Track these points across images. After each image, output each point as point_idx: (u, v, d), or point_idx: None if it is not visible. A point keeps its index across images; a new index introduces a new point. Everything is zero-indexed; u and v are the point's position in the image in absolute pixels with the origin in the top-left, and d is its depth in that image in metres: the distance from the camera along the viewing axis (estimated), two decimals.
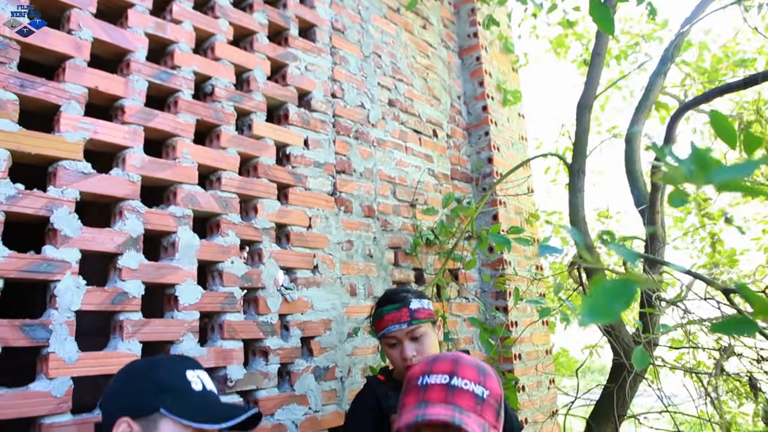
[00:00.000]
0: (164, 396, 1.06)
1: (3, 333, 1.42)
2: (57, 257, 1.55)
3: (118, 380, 1.12)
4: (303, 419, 2.06)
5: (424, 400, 1.02)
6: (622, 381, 2.56)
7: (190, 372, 1.12)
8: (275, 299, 2.06)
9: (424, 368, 1.07)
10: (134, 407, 1.06)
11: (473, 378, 1.03)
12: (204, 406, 1.08)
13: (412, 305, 1.69)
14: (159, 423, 1.04)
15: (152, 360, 1.15)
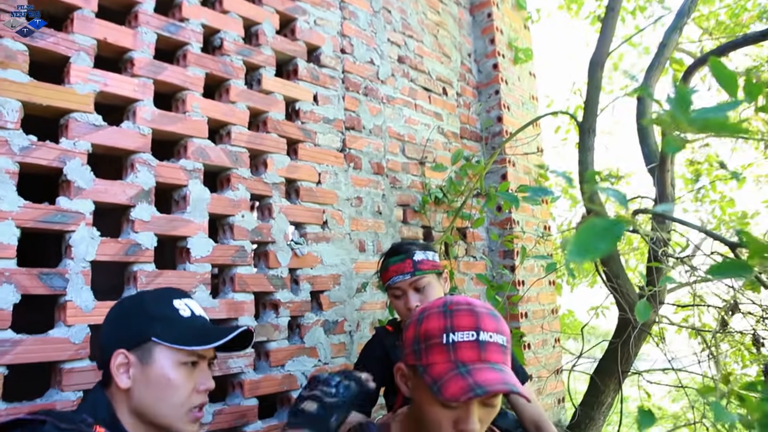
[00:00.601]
0: (154, 325, 1.08)
1: (22, 281, 1.46)
2: (71, 208, 1.57)
3: (110, 317, 1.14)
4: (313, 371, 2.11)
5: (458, 361, 0.99)
6: (627, 337, 2.59)
7: (177, 300, 1.14)
8: (285, 253, 2.08)
9: (443, 323, 1.03)
10: (127, 339, 1.08)
11: (494, 328, 1.02)
12: (193, 330, 1.10)
13: (415, 257, 1.70)
14: (153, 351, 1.07)
15: (139, 294, 1.17)
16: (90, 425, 0.99)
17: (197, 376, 1.11)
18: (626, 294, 2.60)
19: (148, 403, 1.06)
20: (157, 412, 1.06)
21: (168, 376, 1.06)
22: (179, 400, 1.07)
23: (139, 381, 1.06)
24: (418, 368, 1.03)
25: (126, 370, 1.07)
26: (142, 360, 1.07)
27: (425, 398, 1.03)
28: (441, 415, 1.02)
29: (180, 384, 1.07)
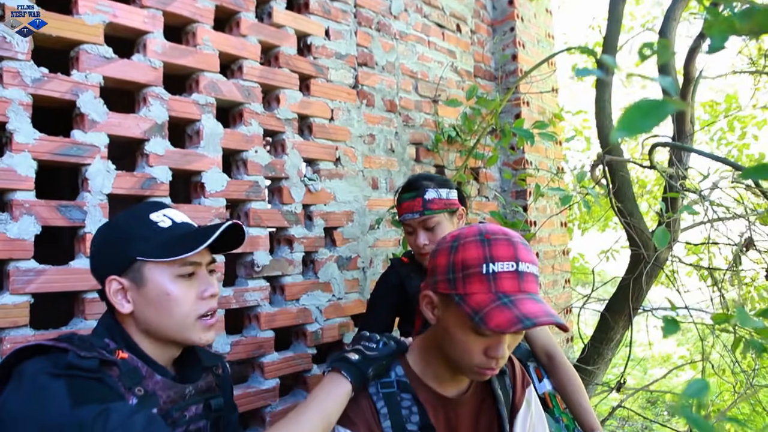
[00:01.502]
0: (136, 244, 1.02)
1: (42, 213, 1.48)
2: (86, 141, 1.57)
3: (93, 248, 1.09)
4: (327, 305, 2.16)
5: (500, 292, 0.99)
6: (639, 273, 2.60)
7: (154, 214, 1.07)
8: (299, 189, 2.09)
9: (482, 253, 1.02)
10: (114, 265, 1.03)
11: (530, 258, 1.03)
12: (177, 239, 1.04)
13: (427, 195, 1.68)
14: (142, 270, 1.02)
15: (113, 219, 1.10)
16: (112, 351, 0.98)
17: (198, 284, 1.06)
18: (639, 230, 2.60)
19: (154, 322, 1.03)
20: (166, 329, 1.03)
21: (166, 291, 1.02)
22: (184, 311, 1.03)
23: (139, 303, 1.03)
24: (452, 297, 1.03)
25: (123, 295, 1.03)
26: (136, 281, 1.02)
27: (457, 325, 1.04)
28: (472, 343, 1.04)
29: (180, 296, 1.03)
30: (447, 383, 1.17)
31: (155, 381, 1.01)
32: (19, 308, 1.44)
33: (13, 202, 1.45)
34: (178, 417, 1.03)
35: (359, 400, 1.13)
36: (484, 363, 1.05)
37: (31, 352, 0.92)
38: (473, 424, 1.18)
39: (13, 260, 1.44)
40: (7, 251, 1.42)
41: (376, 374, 1.15)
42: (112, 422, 0.81)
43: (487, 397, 1.22)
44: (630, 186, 2.81)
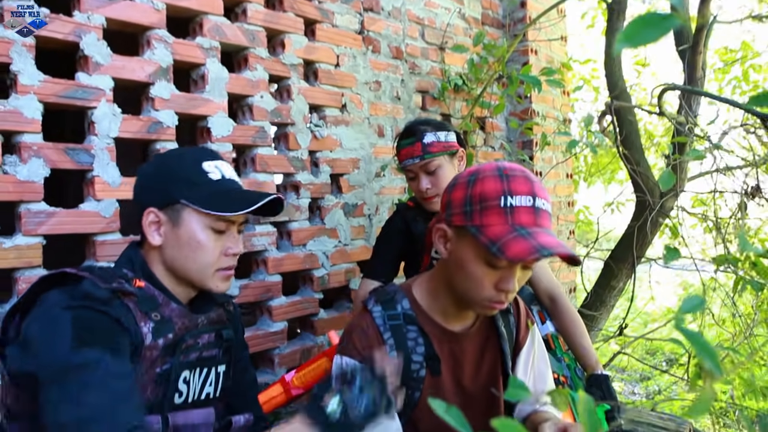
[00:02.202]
0: (183, 187, 1.06)
1: (50, 155, 1.49)
2: (91, 84, 1.57)
3: (142, 174, 1.13)
4: (333, 251, 2.18)
5: (517, 224, 1.01)
6: (644, 221, 2.61)
7: (207, 162, 1.10)
8: (305, 135, 2.09)
9: (500, 186, 1.03)
10: (157, 199, 1.07)
11: (545, 195, 1.05)
12: (222, 195, 1.07)
13: (425, 139, 1.67)
14: (182, 213, 1.06)
15: (169, 153, 1.14)
16: (130, 279, 1.03)
17: (226, 240, 1.10)
18: (645, 177, 2.59)
19: (178, 261, 1.07)
20: (188, 271, 1.08)
21: (197, 239, 1.06)
22: (208, 261, 1.07)
23: (169, 239, 1.07)
24: (468, 228, 1.05)
25: (157, 228, 1.07)
26: (172, 220, 1.06)
27: (470, 258, 1.06)
28: (484, 275, 1.06)
29: (209, 247, 1.06)
30: (453, 318, 1.20)
31: (171, 308, 1.05)
32: (33, 249, 1.47)
33: (21, 145, 1.46)
34: (192, 343, 1.07)
35: (367, 331, 1.16)
36: (494, 296, 1.07)
37: (55, 280, 0.97)
38: (477, 359, 1.22)
39: (24, 202, 1.46)
40: (18, 193, 1.44)
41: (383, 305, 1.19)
42: (93, 379, 0.85)
43: (492, 334, 1.25)
44: (637, 135, 2.79)
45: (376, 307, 1.19)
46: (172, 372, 1.03)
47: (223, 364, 1.16)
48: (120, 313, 0.94)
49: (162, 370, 1.02)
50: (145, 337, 0.98)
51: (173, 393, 1.03)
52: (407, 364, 1.14)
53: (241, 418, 1.15)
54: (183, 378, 1.06)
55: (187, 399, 1.07)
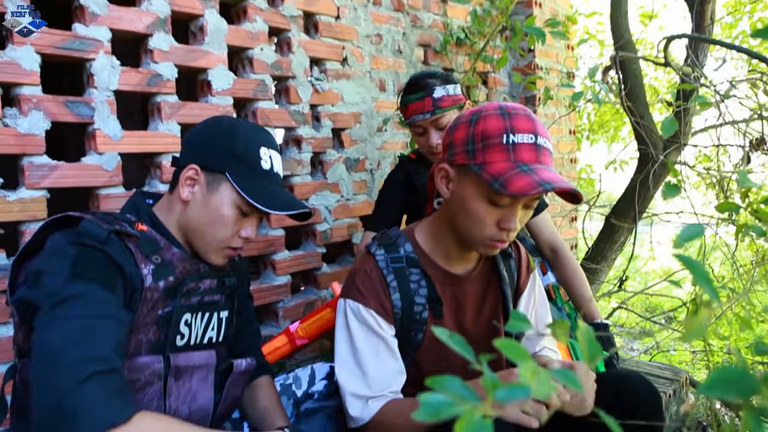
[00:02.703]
0: (234, 162, 1.08)
1: (50, 108, 1.48)
2: (88, 35, 1.55)
3: (200, 129, 1.14)
4: (335, 205, 2.19)
5: (519, 161, 1.02)
6: (646, 174, 2.60)
7: (264, 149, 1.12)
8: (306, 89, 2.07)
9: (503, 124, 1.04)
10: (205, 159, 1.09)
11: (547, 135, 1.06)
12: (265, 188, 1.10)
13: (435, 93, 1.65)
14: (221, 184, 1.08)
15: (236, 122, 1.14)
16: (132, 223, 1.05)
17: (246, 223, 1.12)
18: (649, 129, 2.57)
19: (196, 224, 1.09)
20: (199, 237, 1.10)
21: (222, 212, 1.07)
22: (222, 237, 1.09)
23: (198, 201, 1.09)
24: (471, 167, 1.06)
25: (192, 184, 1.09)
26: (209, 185, 1.08)
27: (472, 196, 1.07)
28: (486, 213, 1.07)
29: (229, 223, 1.08)
30: (455, 261, 1.22)
31: (172, 252, 1.07)
32: (37, 202, 1.47)
33: (20, 97, 1.45)
34: (193, 287, 1.09)
35: (370, 274, 1.18)
36: (496, 235, 1.08)
37: (59, 222, 0.99)
38: (479, 302, 1.23)
39: (27, 155, 1.46)
40: (20, 146, 1.44)
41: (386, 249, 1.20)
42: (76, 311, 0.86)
43: (493, 278, 1.26)
44: (642, 88, 2.75)
45: (379, 251, 1.20)
46: (173, 314, 1.05)
47: (225, 310, 1.18)
48: (117, 253, 0.96)
49: (164, 312, 1.04)
50: (146, 279, 1.00)
51: (175, 335, 1.06)
52: (410, 306, 1.16)
53: (243, 362, 1.18)
54: (184, 320, 1.08)
55: (189, 342, 1.09)
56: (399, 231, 1.26)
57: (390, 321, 1.16)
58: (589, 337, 0.57)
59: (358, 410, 1.13)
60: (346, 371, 1.16)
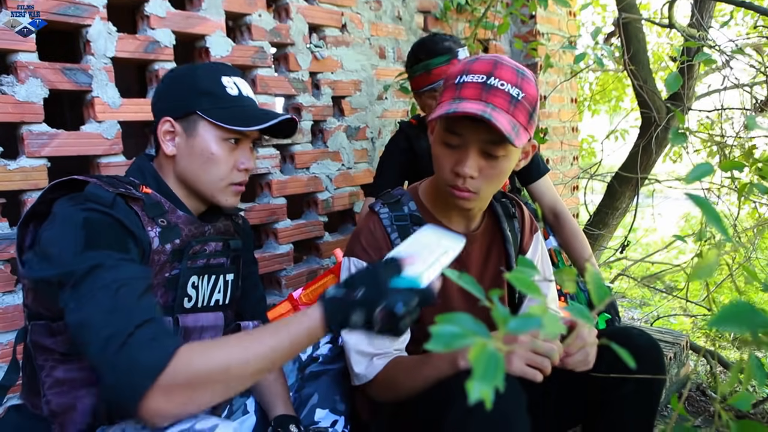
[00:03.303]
0: (201, 99, 1.07)
1: (48, 76, 1.47)
2: (84, 1, 1.52)
3: (162, 84, 1.14)
4: (336, 174, 2.18)
5: (458, 97, 1.03)
6: (649, 138, 2.59)
7: (226, 78, 1.11)
8: (305, 56, 2.04)
9: (463, 68, 1.06)
10: (174, 108, 1.09)
11: (510, 79, 1.03)
12: (238, 111, 1.09)
13: (460, 56, 1.65)
14: (198, 125, 1.08)
15: (191, 66, 1.14)
16: (137, 186, 1.05)
17: (239, 155, 1.12)
18: (651, 92, 2.54)
19: (191, 172, 1.09)
20: (199, 183, 1.10)
21: (210, 151, 1.08)
22: (220, 174, 1.09)
23: (183, 150, 1.09)
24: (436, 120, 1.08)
25: (172, 138, 1.09)
26: (187, 131, 1.08)
27: (435, 140, 1.10)
28: (443, 156, 1.09)
29: (221, 159, 1.08)
30: (456, 218, 1.22)
31: (177, 215, 1.07)
32: (38, 171, 1.47)
33: (17, 64, 1.43)
34: (199, 249, 1.10)
35: (374, 232, 1.18)
36: (451, 179, 1.09)
37: (65, 186, 0.99)
38: (483, 261, 1.24)
39: (25, 123, 1.44)
40: (18, 114, 1.43)
41: (390, 207, 1.21)
42: (101, 280, 0.86)
43: (497, 237, 1.27)
44: (645, 53, 2.72)
45: (383, 209, 1.20)
46: (180, 276, 1.05)
47: (231, 273, 1.19)
48: (124, 216, 0.96)
49: (171, 275, 1.05)
50: (152, 242, 1.01)
51: (182, 297, 1.06)
52: None
53: (250, 324, 1.19)
54: (191, 283, 1.08)
55: (197, 304, 1.10)
56: (403, 190, 1.26)
57: None
58: (596, 279, 0.57)
59: (363, 367, 1.14)
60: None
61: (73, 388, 0.98)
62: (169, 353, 0.81)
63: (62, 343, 0.96)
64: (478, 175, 1.07)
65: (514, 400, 0.90)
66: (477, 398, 0.36)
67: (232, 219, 1.24)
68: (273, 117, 1.09)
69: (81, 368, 0.97)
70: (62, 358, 0.97)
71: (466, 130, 1.03)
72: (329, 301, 0.88)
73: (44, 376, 0.98)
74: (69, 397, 0.98)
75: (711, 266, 0.52)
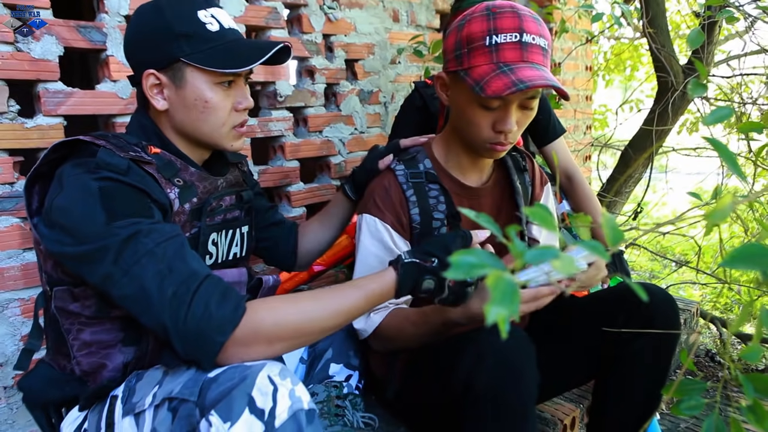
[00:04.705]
0: (180, 43, 0.97)
1: (62, 33, 1.47)
2: None
3: (131, 30, 1.03)
4: (349, 138, 2.18)
5: (502, 62, 1.01)
6: (665, 104, 2.55)
7: (202, 12, 0.99)
8: (318, 18, 2.03)
9: (487, 25, 1.02)
10: (155, 59, 0.99)
11: (536, 31, 1.03)
12: (224, 49, 0.99)
13: None
14: (184, 73, 0.99)
15: (157, 4, 1.01)
16: (144, 147, 1.00)
17: (234, 95, 1.04)
18: (669, 56, 2.49)
19: (189, 124, 1.03)
20: (200, 134, 1.04)
21: (205, 98, 1.00)
22: (219, 120, 1.03)
23: (175, 103, 1.01)
24: (459, 73, 1.06)
25: (160, 91, 1.01)
26: (175, 81, 1.00)
27: (466, 102, 1.08)
28: (480, 117, 1.07)
29: (218, 105, 1.02)
30: (469, 172, 1.23)
31: (191, 173, 1.04)
32: (55, 129, 1.48)
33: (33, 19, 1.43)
34: (216, 206, 1.09)
35: (389, 189, 1.19)
36: (493, 137, 1.09)
37: (69, 147, 0.95)
38: (494, 214, 1.25)
39: (41, 81, 1.45)
40: (34, 72, 1.43)
41: (406, 164, 1.21)
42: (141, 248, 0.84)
43: (508, 190, 1.28)
44: (664, 17, 2.66)
45: (398, 166, 1.21)
46: (201, 235, 1.04)
47: (245, 225, 1.19)
48: (139, 182, 0.92)
49: (191, 234, 1.03)
50: (173, 203, 0.98)
51: (204, 255, 1.06)
52: (429, 221, 1.17)
53: (270, 278, 1.21)
54: (212, 240, 1.08)
55: (217, 260, 1.11)
56: (418, 147, 1.26)
57: (406, 237, 1.18)
58: (611, 223, 0.57)
59: (362, 323, 1.18)
60: None
61: (101, 348, 0.97)
62: (241, 307, 0.83)
63: (87, 307, 0.95)
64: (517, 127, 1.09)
65: (523, 351, 0.91)
66: (493, 320, 0.37)
67: (238, 167, 1.23)
68: (265, 50, 1.00)
69: (108, 329, 0.97)
70: (88, 321, 0.96)
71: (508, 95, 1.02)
72: (404, 266, 0.93)
73: (72, 339, 0.97)
74: (98, 357, 0.97)
75: (727, 208, 0.53)
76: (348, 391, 1.26)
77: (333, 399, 1.22)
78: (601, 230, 1.55)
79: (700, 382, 0.80)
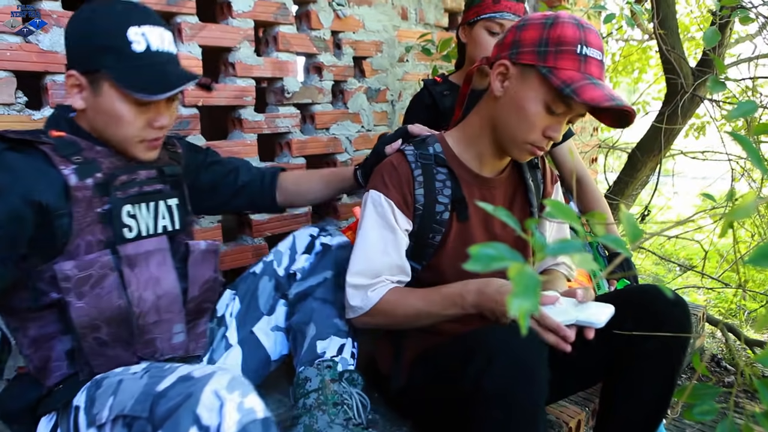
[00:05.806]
0: (104, 55, 0.98)
1: None
2: None
3: (68, 29, 1.05)
4: (356, 136, 2.17)
5: (587, 73, 1.04)
6: (674, 107, 2.54)
7: (134, 29, 0.99)
8: (327, 14, 2.02)
9: (578, 35, 1.05)
10: (79, 61, 1.01)
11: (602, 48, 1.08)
12: (145, 73, 0.99)
13: None
14: (102, 83, 1.00)
15: (96, 8, 1.02)
16: (45, 132, 1.03)
17: (151, 114, 1.05)
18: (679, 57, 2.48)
19: (100, 128, 1.05)
20: (109, 140, 1.06)
21: (117, 112, 1.02)
22: (129, 133, 1.04)
23: (91, 107, 1.03)
24: (539, 68, 1.06)
25: (79, 91, 1.03)
26: (93, 87, 1.01)
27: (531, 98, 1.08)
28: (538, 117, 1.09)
29: (129, 121, 1.03)
30: (486, 164, 1.22)
31: (96, 151, 1.06)
32: None
33: (40, 12, 1.42)
34: (127, 179, 1.08)
35: (398, 167, 1.18)
36: (539, 141, 1.11)
37: None
38: (507, 207, 1.24)
39: (49, 73, 1.45)
40: (42, 64, 1.43)
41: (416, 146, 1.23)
42: None
43: (520, 186, 1.28)
44: (675, 20, 2.64)
45: (409, 147, 1.22)
46: (112, 209, 1.05)
47: (173, 198, 1.17)
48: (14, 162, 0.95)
49: (103, 210, 1.04)
50: (68, 179, 1.00)
51: (121, 228, 1.06)
52: (432, 203, 1.17)
53: (202, 242, 1.19)
54: (126, 212, 1.08)
55: (141, 233, 1.10)
56: (429, 134, 1.27)
57: (409, 216, 1.18)
58: (630, 220, 0.56)
59: (359, 300, 1.17)
60: (354, 262, 1.19)
61: (45, 341, 1.01)
62: None
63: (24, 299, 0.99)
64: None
65: (534, 351, 0.90)
66: (515, 313, 0.36)
67: (166, 148, 1.22)
68: (181, 81, 1.01)
69: (49, 322, 1.00)
70: (29, 314, 1.00)
71: (578, 105, 1.06)
72: None
73: (21, 338, 1.02)
74: (44, 350, 1.01)
75: (750, 206, 0.52)
76: (343, 368, 1.22)
77: (328, 384, 1.16)
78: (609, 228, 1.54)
79: (713, 386, 0.79)
